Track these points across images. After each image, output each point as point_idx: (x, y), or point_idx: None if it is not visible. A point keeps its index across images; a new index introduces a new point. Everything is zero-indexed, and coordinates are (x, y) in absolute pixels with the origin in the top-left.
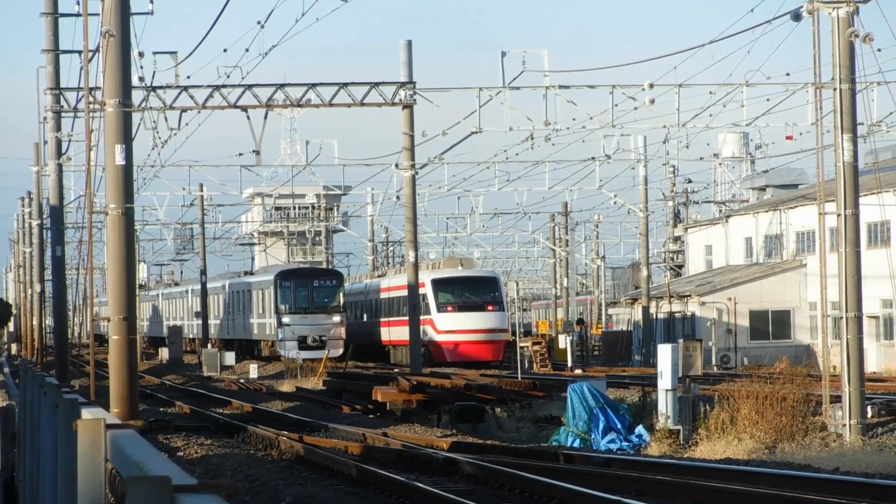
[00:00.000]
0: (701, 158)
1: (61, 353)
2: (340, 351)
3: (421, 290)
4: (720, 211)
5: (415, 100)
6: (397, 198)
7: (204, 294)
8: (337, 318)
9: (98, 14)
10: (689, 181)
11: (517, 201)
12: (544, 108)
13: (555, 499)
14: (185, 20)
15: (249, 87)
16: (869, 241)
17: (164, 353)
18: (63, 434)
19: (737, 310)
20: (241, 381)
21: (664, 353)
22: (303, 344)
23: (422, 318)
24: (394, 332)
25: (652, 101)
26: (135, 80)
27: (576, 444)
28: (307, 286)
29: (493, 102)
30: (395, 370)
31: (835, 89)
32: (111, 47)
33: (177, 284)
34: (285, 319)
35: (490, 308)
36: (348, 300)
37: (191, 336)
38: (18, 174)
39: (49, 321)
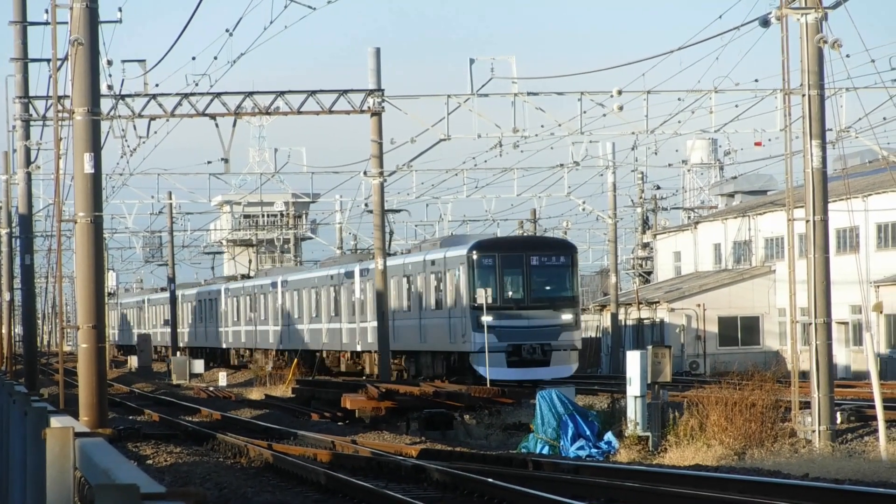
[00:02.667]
0: (669, 165)
1: (30, 362)
2: (574, 367)
3: None
4: (689, 217)
5: (383, 107)
6: (366, 205)
7: (173, 301)
8: (569, 317)
9: (66, 22)
10: (658, 187)
11: (486, 208)
12: (513, 115)
13: None
14: (153, 28)
15: (218, 95)
16: (838, 247)
17: (133, 361)
18: (32, 442)
19: (706, 316)
20: (211, 388)
21: (633, 359)
22: (515, 356)
23: None
24: None
25: (620, 108)
26: (103, 89)
27: (545, 451)
28: (522, 265)
29: (461, 110)
30: (364, 378)
31: (803, 95)
32: (80, 56)
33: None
34: (487, 318)
35: None
36: None
37: (163, 344)
38: None
39: (18, 329)
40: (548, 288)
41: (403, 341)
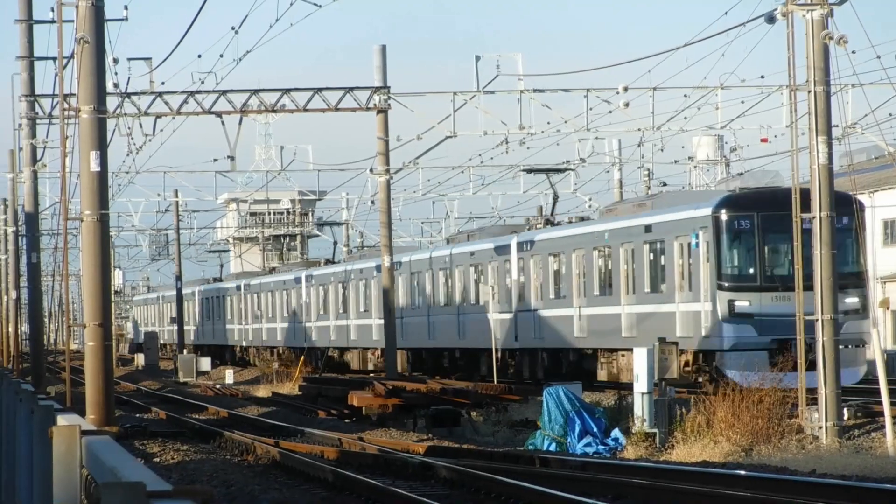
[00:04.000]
0: (676, 161)
1: (37, 360)
2: (863, 370)
3: None
4: None
5: (389, 104)
6: (372, 202)
7: (179, 298)
8: (855, 300)
9: (72, 21)
10: (664, 184)
11: (492, 205)
12: (519, 112)
13: (531, 503)
14: (159, 26)
15: (224, 92)
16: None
17: (139, 359)
18: (39, 441)
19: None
20: (217, 386)
21: (640, 356)
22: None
23: None
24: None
25: (626, 105)
26: (109, 87)
27: (552, 448)
28: (790, 229)
29: (467, 107)
30: (371, 375)
31: (809, 91)
32: (86, 54)
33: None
34: (740, 303)
35: None
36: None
37: (244, 343)
38: None
39: (25, 328)
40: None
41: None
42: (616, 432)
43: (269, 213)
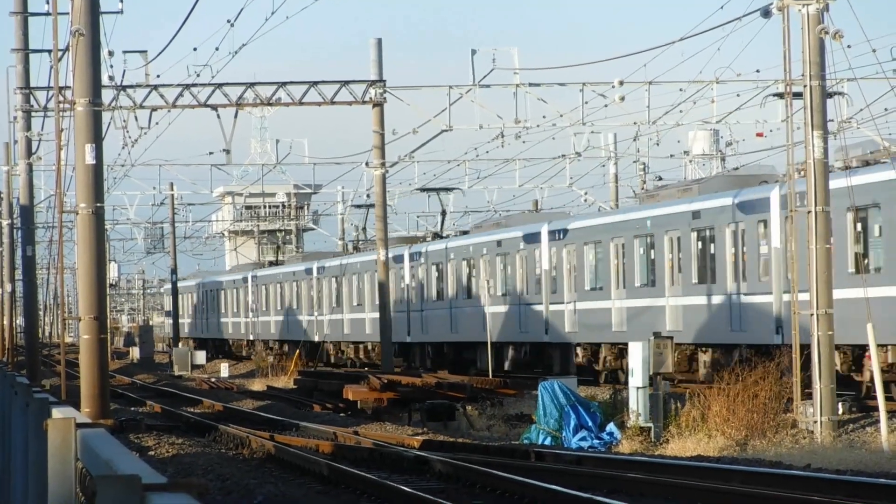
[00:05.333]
0: (671, 156)
1: (32, 353)
2: None
3: None
4: None
5: (385, 98)
6: (367, 196)
7: (175, 292)
8: None
9: (68, 13)
10: (660, 178)
11: (488, 199)
12: (514, 105)
13: (526, 497)
14: (154, 19)
15: (219, 85)
16: None
17: (134, 353)
18: (33, 433)
19: None
20: (212, 380)
21: (635, 350)
22: None
23: None
24: None
25: (622, 99)
26: (105, 80)
27: (547, 442)
28: None
29: (463, 100)
30: (366, 369)
31: (805, 86)
32: (81, 46)
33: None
34: None
35: None
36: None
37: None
38: None
39: (20, 321)
40: None
41: None
42: (611, 426)
43: (265, 207)
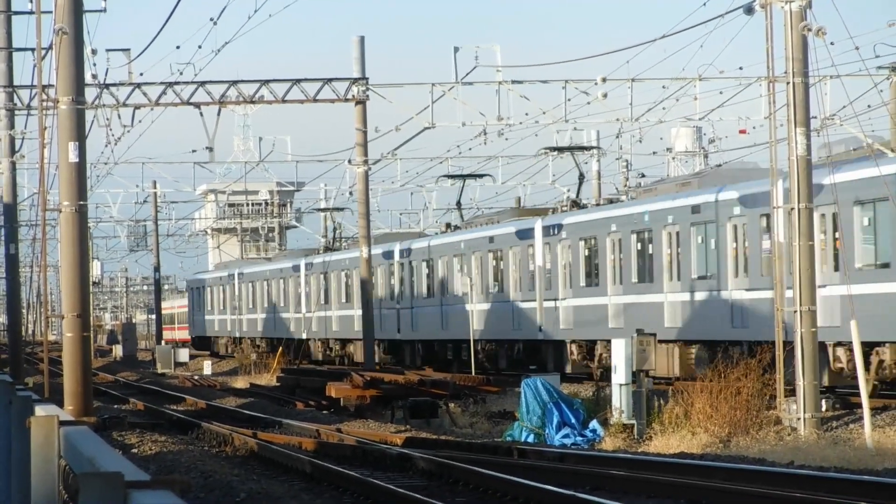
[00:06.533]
0: (654, 153)
1: (15, 351)
2: None
3: None
4: None
5: (367, 95)
6: (350, 194)
7: (157, 290)
8: None
9: (51, 11)
10: (643, 175)
11: (470, 196)
12: (497, 103)
13: (509, 494)
14: (137, 17)
15: (202, 83)
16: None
17: (117, 350)
18: (17, 431)
19: None
20: (196, 377)
21: (618, 347)
22: None
23: None
24: None
25: (605, 96)
26: (88, 78)
27: (530, 439)
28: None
29: (445, 98)
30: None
31: (788, 83)
32: (64, 45)
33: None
34: None
35: None
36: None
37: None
38: None
39: (2, 319)
40: None
41: None
42: (594, 424)
43: (248, 204)
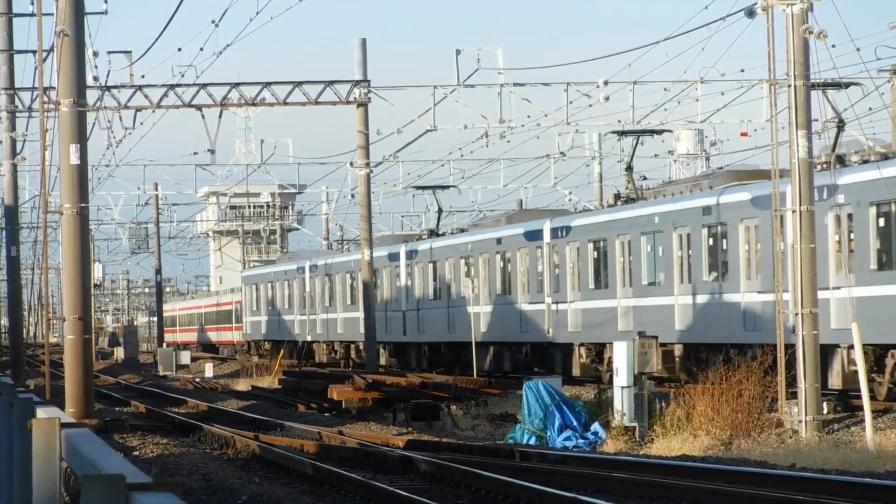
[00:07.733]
0: (656, 155)
1: (16, 353)
2: None
3: None
4: None
5: (369, 98)
6: (352, 196)
7: (159, 291)
8: None
9: (52, 14)
10: (644, 178)
11: (472, 199)
12: (499, 105)
13: (511, 497)
14: (139, 20)
15: (204, 86)
16: None
17: (119, 353)
18: (18, 433)
19: None
20: (197, 380)
21: (620, 350)
22: None
23: None
24: None
25: (606, 98)
26: (89, 80)
27: (532, 442)
28: None
29: (447, 100)
30: (351, 369)
31: (789, 86)
32: (65, 47)
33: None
34: None
35: None
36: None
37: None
38: None
39: (4, 321)
40: None
41: None
42: (596, 426)
43: (249, 207)
